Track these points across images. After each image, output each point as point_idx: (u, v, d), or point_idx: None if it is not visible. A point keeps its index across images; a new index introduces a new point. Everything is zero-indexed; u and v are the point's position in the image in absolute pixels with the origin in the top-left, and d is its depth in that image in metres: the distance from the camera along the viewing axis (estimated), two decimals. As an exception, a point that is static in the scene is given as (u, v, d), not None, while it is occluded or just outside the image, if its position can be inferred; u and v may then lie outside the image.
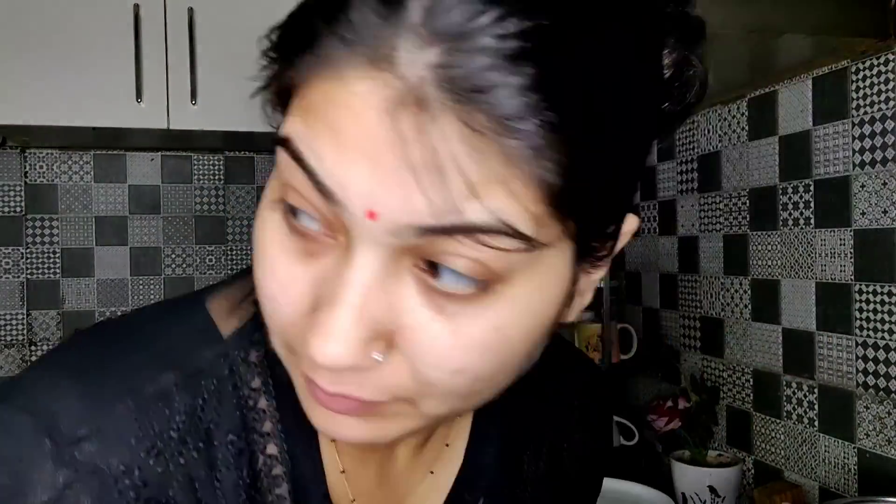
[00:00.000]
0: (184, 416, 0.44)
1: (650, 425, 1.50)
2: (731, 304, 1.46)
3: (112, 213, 2.04)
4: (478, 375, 0.37)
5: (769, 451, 1.37)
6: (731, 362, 1.47)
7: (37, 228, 2.00)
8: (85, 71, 1.64)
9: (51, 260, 2.00)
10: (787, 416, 1.32)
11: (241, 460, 0.46)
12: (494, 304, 0.36)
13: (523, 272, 0.36)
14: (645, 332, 1.78)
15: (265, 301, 0.40)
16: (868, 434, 1.15)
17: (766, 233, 1.35)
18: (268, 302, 0.40)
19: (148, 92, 1.65)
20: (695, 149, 1.56)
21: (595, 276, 0.42)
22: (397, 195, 0.33)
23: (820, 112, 1.22)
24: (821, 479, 1.24)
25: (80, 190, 2.03)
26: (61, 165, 2.01)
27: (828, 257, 1.21)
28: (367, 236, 0.35)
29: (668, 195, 1.67)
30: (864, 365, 1.15)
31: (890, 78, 1.09)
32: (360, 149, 0.33)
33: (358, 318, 0.35)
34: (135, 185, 2.06)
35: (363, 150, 0.32)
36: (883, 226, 1.11)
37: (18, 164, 1.98)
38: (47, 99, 1.63)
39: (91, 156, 2.04)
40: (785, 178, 1.30)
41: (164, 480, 0.43)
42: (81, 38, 1.64)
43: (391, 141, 0.32)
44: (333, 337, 0.35)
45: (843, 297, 1.18)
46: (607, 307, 1.71)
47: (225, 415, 0.46)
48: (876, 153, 1.12)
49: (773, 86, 1.32)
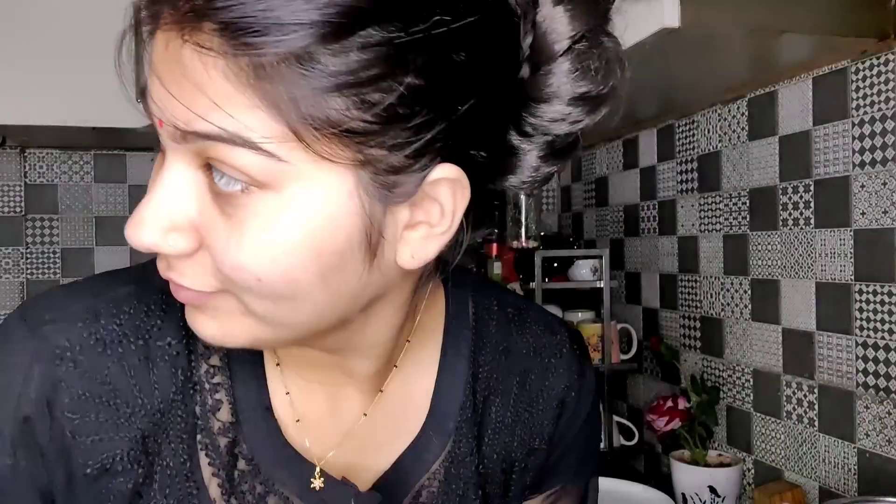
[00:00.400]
0: (128, 317, 0.54)
1: (650, 425, 1.50)
2: (731, 304, 1.46)
3: (112, 213, 2.04)
4: (255, 275, 0.43)
5: (769, 451, 1.37)
6: (731, 362, 1.47)
7: (37, 228, 2.00)
8: (85, 71, 1.64)
9: (51, 260, 2.00)
10: (787, 416, 1.32)
11: (178, 361, 0.55)
12: (263, 209, 0.42)
13: (295, 186, 0.42)
14: (645, 333, 1.78)
15: None
16: (868, 434, 1.15)
17: (766, 233, 1.35)
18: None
19: (148, 92, 1.65)
20: (695, 149, 1.56)
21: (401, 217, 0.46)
22: (167, 106, 0.42)
23: (820, 112, 1.22)
24: (821, 479, 1.25)
25: (80, 190, 2.03)
26: (61, 165, 2.01)
27: (828, 257, 1.21)
28: (165, 144, 0.44)
29: (668, 195, 1.67)
30: (864, 365, 1.15)
31: (890, 78, 1.09)
32: (155, 73, 0.42)
33: (156, 209, 0.44)
34: (135, 185, 2.06)
35: (156, 74, 0.42)
36: (883, 226, 1.11)
37: (18, 164, 1.98)
38: (47, 99, 1.63)
39: (91, 156, 2.03)
40: (785, 178, 1.30)
41: (101, 361, 0.53)
42: (81, 38, 1.64)
43: (168, 66, 0.41)
44: (134, 222, 0.44)
45: (843, 297, 1.18)
46: (607, 307, 1.71)
47: (168, 323, 0.55)
48: (876, 153, 1.12)
49: (773, 86, 1.32)
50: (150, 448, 0.54)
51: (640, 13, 1.01)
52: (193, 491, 0.54)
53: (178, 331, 0.55)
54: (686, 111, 1.57)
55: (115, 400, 0.53)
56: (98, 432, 0.53)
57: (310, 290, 0.45)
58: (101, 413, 0.53)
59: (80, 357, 0.53)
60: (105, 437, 0.53)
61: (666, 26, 0.97)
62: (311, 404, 0.58)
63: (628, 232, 1.86)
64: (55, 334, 0.53)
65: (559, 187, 2.31)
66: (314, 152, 0.41)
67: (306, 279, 0.44)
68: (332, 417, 0.59)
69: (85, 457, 0.53)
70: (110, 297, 0.55)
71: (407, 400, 0.61)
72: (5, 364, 0.52)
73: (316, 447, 0.57)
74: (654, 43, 1.03)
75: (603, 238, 2.00)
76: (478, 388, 0.63)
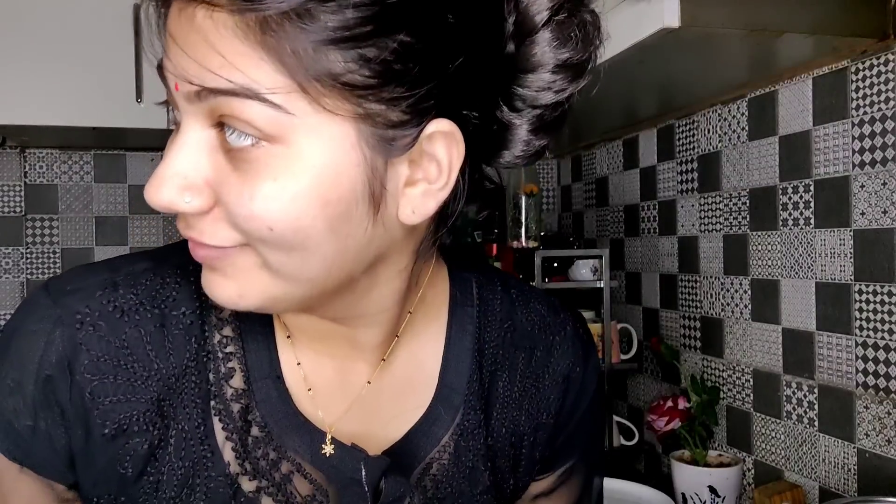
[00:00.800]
0: (145, 288, 0.57)
1: (650, 425, 1.50)
2: (731, 304, 1.46)
3: (112, 213, 2.04)
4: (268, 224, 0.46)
5: (769, 451, 1.37)
6: (731, 362, 1.47)
7: (37, 228, 2.00)
8: (85, 71, 1.64)
9: (51, 260, 2.00)
10: (787, 416, 1.32)
11: (192, 329, 0.57)
12: (272, 161, 0.46)
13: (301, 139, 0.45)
14: (645, 333, 1.78)
15: None
16: (868, 434, 1.15)
17: (766, 233, 1.35)
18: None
19: (148, 92, 1.65)
20: (695, 149, 1.56)
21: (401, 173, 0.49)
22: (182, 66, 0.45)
23: (820, 112, 1.22)
24: (821, 479, 1.25)
25: (80, 190, 2.03)
26: (61, 165, 2.01)
27: (828, 257, 1.21)
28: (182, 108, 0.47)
29: (668, 195, 1.67)
30: (864, 365, 1.15)
31: (890, 78, 1.09)
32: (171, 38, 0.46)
33: (173, 169, 0.47)
34: (135, 185, 2.06)
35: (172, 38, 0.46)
36: (883, 226, 1.11)
37: (18, 164, 1.98)
38: (47, 99, 1.63)
39: (91, 156, 2.04)
40: (785, 178, 1.30)
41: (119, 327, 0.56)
42: (81, 39, 1.64)
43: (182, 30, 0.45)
44: (152, 182, 0.47)
45: (843, 297, 1.19)
46: (607, 307, 1.71)
47: (183, 294, 0.58)
48: (876, 153, 1.12)
49: (773, 86, 1.32)
50: (165, 411, 0.56)
51: (640, 13, 1.01)
52: (207, 454, 0.56)
53: (193, 302, 0.58)
54: (686, 111, 1.57)
55: (133, 364, 0.56)
56: (116, 394, 0.55)
57: (318, 240, 0.47)
58: (119, 375, 0.55)
59: (99, 322, 0.55)
60: (122, 398, 0.55)
61: (666, 26, 0.97)
62: (320, 375, 0.60)
63: (628, 232, 1.86)
64: (76, 302, 0.56)
65: (559, 187, 2.32)
66: (318, 105, 0.45)
67: (315, 229, 0.47)
68: (340, 388, 0.61)
69: (103, 417, 0.55)
70: (128, 272, 0.58)
71: (414, 374, 0.63)
72: (29, 331, 0.55)
73: (326, 416, 0.59)
74: (654, 43, 1.03)
75: (603, 238, 2.00)
76: (484, 364, 0.65)
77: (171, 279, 0.59)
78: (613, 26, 1.10)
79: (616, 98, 1.50)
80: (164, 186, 0.47)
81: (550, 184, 2.34)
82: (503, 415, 0.65)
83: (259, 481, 0.57)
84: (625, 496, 1.44)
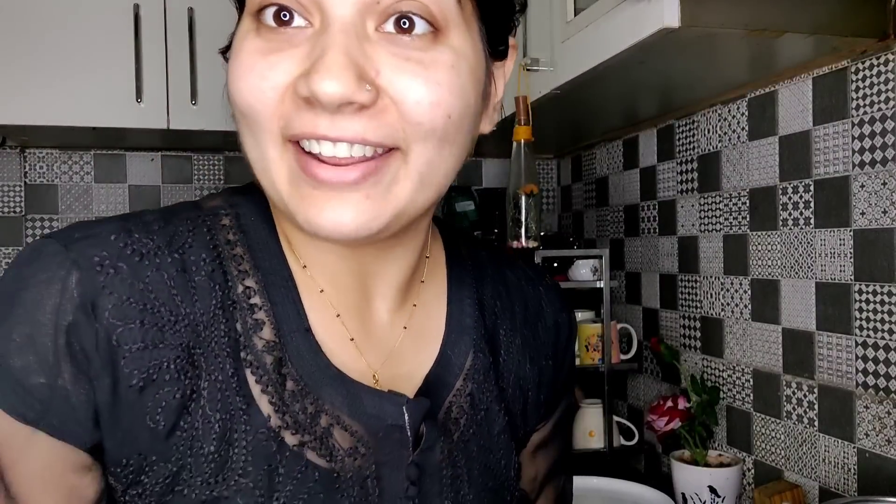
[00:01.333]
0: (159, 234, 0.54)
1: (650, 425, 1.50)
2: (731, 304, 1.46)
3: (112, 213, 2.04)
4: (448, 111, 0.49)
5: (769, 451, 1.37)
6: (731, 362, 1.47)
7: (37, 228, 2.00)
8: (85, 71, 1.64)
9: (51, 260, 2.00)
10: (787, 416, 1.32)
11: (215, 276, 0.55)
12: (445, 49, 0.49)
13: (455, 30, 0.50)
14: (645, 333, 1.78)
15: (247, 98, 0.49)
16: (868, 434, 1.15)
17: (766, 233, 1.35)
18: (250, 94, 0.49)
19: (148, 92, 1.65)
20: (695, 149, 1.57)
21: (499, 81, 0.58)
22: None
23: (820, 112, 1.22)
24: (821, 479, 1.25)
25: (80, 190, 2.03)
26: (61, 165, 2.01)
27: (828, 257, 1.22)
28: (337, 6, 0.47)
29: (668, 195, 1.67)
30: (864, 365, 1.15)
31: (890, 78, 1.09)
32: None
33: (347, 58, 0.46)
34: (135, 185, 2.06)
35: None
36: (883, 226, 1.11)
37: (18, 164, 1.98)
38: (47, 99, 1.63)
39: (91, 156, 2.04)
40: (785, 178, 1.30)
41: (140, 270, 0.52)
42: (81, 39, 1.64)
43: None
44: (330, 72, 0.45)
45: (843, 297, 1.19)
46: (607, 307, 1.71)
47: (198, 242, 0.56)
48: (876, 153, 1.12)
49: (773, 86, 1.32)
50: (195, 360, 0.53)
51: (640, 13, 1.01)
52: (243, 406, 0.53)
53: (210, 251, 0.56)
54: (686, 111, 1.57)
55: (159, 308, 0.52)
56: (143, 339, 0.51)
57: (458, 136, 0.51)
58: (147, 319, 0.51)
59: (119, 264, 0.52)
60: (150, 344, 0.51)
61: (666, 26, 0.97)
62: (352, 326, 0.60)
63: (628, 232, 1.86)
64: (91, 247, 0.52)
65: (559, 187, 2.32)
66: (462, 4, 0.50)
67: (466, 119, 0.51)
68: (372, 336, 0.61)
69: (130, 366, 0.51)
70: (138, 220, 0.55)
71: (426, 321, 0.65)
72: (38, 280, 0.50)
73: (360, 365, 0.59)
74: (654, 43, 1.03)
75: (603, 238, 2.00)
76: (486, 314, 0.67)
77: (184, 228, 0.56)
78: (613, 26, 1.10)
79: (616, 98, 1.50)
80: (344, 73, 0.45)
81: (550, 184, 2.34)
82: (509, 361, 0.68)
83: (302, 435, 0.54)
84: (625, 496, 1.44)
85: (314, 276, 0.58)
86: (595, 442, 1.70)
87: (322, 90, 0.45)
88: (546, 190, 2.33)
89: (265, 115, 0.49)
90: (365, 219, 0.49)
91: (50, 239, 0.52)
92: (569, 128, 1.91)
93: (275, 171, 0.51)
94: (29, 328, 0.50)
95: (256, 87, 0.49)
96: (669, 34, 0.99)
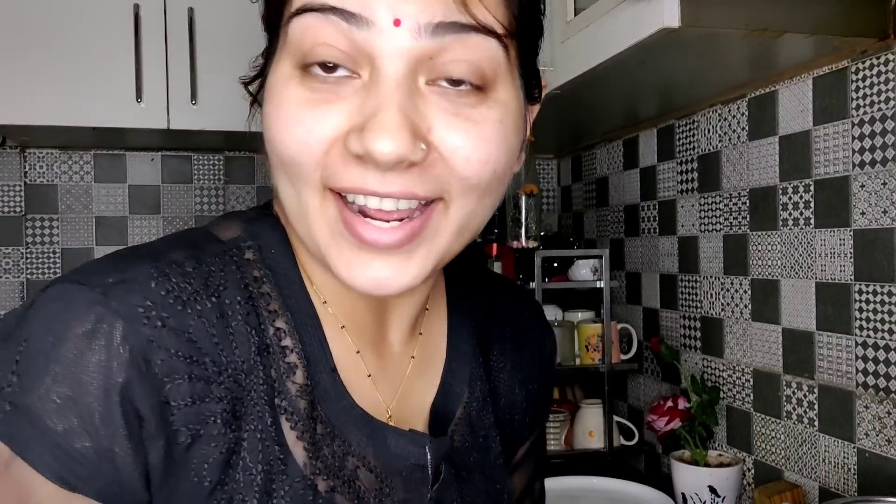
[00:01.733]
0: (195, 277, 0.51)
1: (650, 425, 1.50)
2: (731, 304, 1.46)
3: (112, 213, 2.04)
4: (495, 167, 0.49)
5: (769, 451, 1.37)
6: (731, 362, 1.47)
7: (37, 228, 2.00)
8: (85, 71, 1.64)
9: (51, 260, 2.00)
10: (787, 416, 1.32)
11: (250, 320, 0.53)
12: (493, 104, 0.49)
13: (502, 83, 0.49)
14: (645, 333, 1.78)
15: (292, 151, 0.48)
16: (868, 434, 1.15)
17: (766, 233, 1.35)
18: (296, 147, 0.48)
19: (148, 92, 1.65)
20: (695, 149, 1.56)
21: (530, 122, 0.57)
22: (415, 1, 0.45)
23: (820, 112, 1.22)
24: (821, 479, 1.25)
25: (80, 190, 2.03)
26: (61, 165, 2.01)
27: (828, 257, 1.21)
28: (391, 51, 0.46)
29: (668, 195, 1.67)
30: (864, 365, 1.15)
31: (890, 78, 1.09)
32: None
33: (402, 117, 0.45)
34: (135, 185, 2.06)
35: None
36: (883, 226, 1.11)
37: (18, 164, 1.98)
38: (47, 99, 1.63)
39: (91, 156, 2.03)
40: (785, 178, 1.30)
41: (184, 319, 0.49)
42: (81, 38, 1.64)
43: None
44: (386, 131, 0.44)
45: (843, 297, 1.18)
46: (607, 307, 1.71)
47: (231, 282, 0.53)
48: (876, 153, 1.12)
49: (773, 86, 1.32)
50: (237, 411, 0.51)
51: (640, 13, 1.01)
52: (281, 455, 0.52)
53: (242, 291, 0.53)
54: (686, 111, 1.57)
55: (204, 359, 0.49)
56: (192, 395, 0.49)
57: (500, 187, 0.52)
58: (194, 373, 0.49)
59: (163, 314, 0.48)
60: (198, 399, 0.49)
61: (666, 26, 0.97)
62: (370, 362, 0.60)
63: (628, 232, 1.86)
64: (131, 294, 0.48)
65: (559, 187, 2.32)
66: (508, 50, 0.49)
67: (505, 174, 0.52)
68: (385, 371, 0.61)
69: (178, 423, 0.48)
70: (171, 259, 0.51)
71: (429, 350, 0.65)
72: (75, 333, 0.46)
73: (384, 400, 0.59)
74: (654, 43, 1.03)
75: (603, 238, 2.00)
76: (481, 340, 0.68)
77: (216, 268, 0.53)
78: (613, 26, 1.10)
79: (616, 98, 1.50)
80: (399, 133, 0.44)
81: (550, 184, 2.34)
82: (500, 386, 0.69)
83: (332, 480, 0.53)
84: (625, 496, 1.44)
85: (335, 313, 0.57)
86: (595, 442, 1.70)
87: (378, 150, 0.44)
88: (546, 190, 2.33)
89: (309, 167, 0.48)
90: (408, 279, 0.49)
91: (80, 285, 0.48)
92: (569, 128, 1.91)
93: (314, 220, 0.49)
94: (69, 388, 0.45)
95: (303, 140, 0.47)
96: (669, 34, 0.99)
